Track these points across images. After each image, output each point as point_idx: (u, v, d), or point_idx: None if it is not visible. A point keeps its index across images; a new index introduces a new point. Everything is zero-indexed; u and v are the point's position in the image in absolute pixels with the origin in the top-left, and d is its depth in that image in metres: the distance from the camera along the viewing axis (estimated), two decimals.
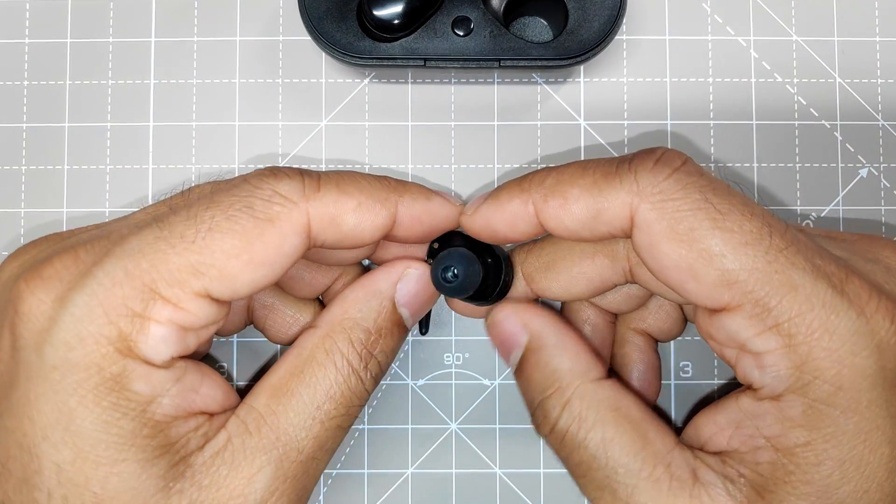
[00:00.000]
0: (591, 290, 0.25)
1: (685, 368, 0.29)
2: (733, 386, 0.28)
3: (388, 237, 0.24)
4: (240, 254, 0.20)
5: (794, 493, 0.20)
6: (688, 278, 0.21)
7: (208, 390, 0.22)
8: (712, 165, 0.29)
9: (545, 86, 0.29)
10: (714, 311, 0.21)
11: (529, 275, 0.25)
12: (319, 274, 0.26)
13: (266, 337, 0.27)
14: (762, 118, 0.29)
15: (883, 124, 0.29)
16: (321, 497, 0.28)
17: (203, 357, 0.27)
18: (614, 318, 0.27)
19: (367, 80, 0.29)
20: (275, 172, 0.22)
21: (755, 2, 0.29)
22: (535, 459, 0.28)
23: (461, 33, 0.27)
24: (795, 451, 0.20)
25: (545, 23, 0.28)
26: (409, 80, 0.29)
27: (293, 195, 0.21)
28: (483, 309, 0.26)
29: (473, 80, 0.29)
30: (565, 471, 0.28)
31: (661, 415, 0.26)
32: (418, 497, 0.28)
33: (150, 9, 0.29)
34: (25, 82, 0.29)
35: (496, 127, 0.29)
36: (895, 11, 0.29)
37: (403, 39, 0.27)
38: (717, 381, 0.29)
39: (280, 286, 0.26)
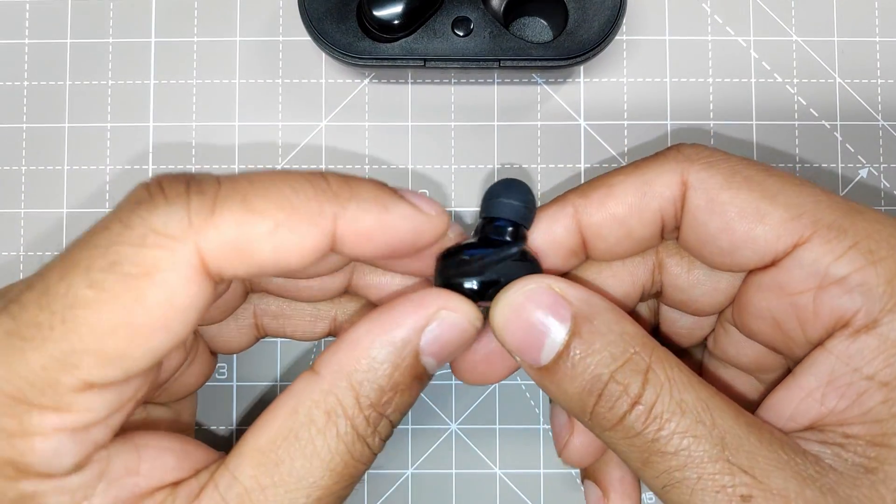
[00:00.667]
0: (641, 204, 0.20)
1: None
2: None
3: (333, 254, 0.19)
4: (116, 328, 0.16)
5: None
6: (754, 222, 0.19)
7: (153, 464, 0.18)
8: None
9: (545, 86, 0.29)
10: (784, 257, 0.19)
11: (573, 203, 0.21)
12: (328, 278, 0.23)
13: (293, 339, 0.25)
14: (762, 118, 0.29)
15: (883, 124, 0.29)
16: None
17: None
18: None
19: (367, 80, 0.29)
20: (151, 196, 0.17)
21: (755, 2, 0.29)
22: (535, 459, 0.28)
23: (461, 33, 0.27)
24: None
25: (545, 23, 0.28)
26: (409, 80, 0.29)
27: (173, 229, 0.16)
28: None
29: (473, 81, 0.29)
30: (565, 471, 0.28)
31: None
32: (418, 497, 0.28)
33: (150, 9, 0.29)
34: (25, 82, 0.29)
35: (496, 127, 0.29)
36: (895, 11, 0.29)
37: (403, 40, 0.27)
38: None
39: (283, 296, 0.23)
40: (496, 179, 0.29)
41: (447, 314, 0.19)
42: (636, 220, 0.20)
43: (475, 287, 0.20)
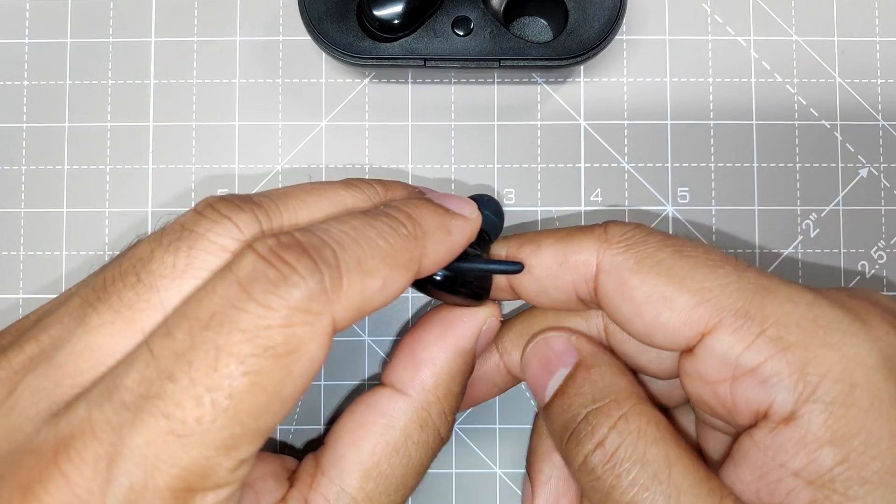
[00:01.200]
0: (556, 274, 0.23)
1: None
2: None
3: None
4: (270, 405, 0.17)
5: None
6: (662, 308, 0.19)
7: (265, 495, 0.20)
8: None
9: (545, 86, 0.29)
10: (696, 344, 0.19)
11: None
12: None
13: None
14: (762, 118, 0.29)
15: (883, 124, 0.29)
16: None
17: None
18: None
19: (367, 80, 0.29)
20: (283, 275, 0.17)
21: (755, 2, 0.29)
22: None
23: (461, 33, 0.27)
24: (833, 475, 0.17)
25: (545, 23, 0.28)
26: (409, 80, 0.29)
27: (315, 306, 0.17)
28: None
29: (473, 80, 0.29)
30: None
31: None
32: (418, 497, 0.28)
33: (150, 9, 0.29)
34: (25, 82, 0.29)
35: (496, 127, 0.29)
36: (895, 11, 0.29)
37: (403, 39, 0.27)
38: None
39: None
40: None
41: (493, 321, 0.23)
42: (552, 285, 0.22)
43: (480, 296, 0.23)
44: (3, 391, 0.17)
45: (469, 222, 0.21)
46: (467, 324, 0.22)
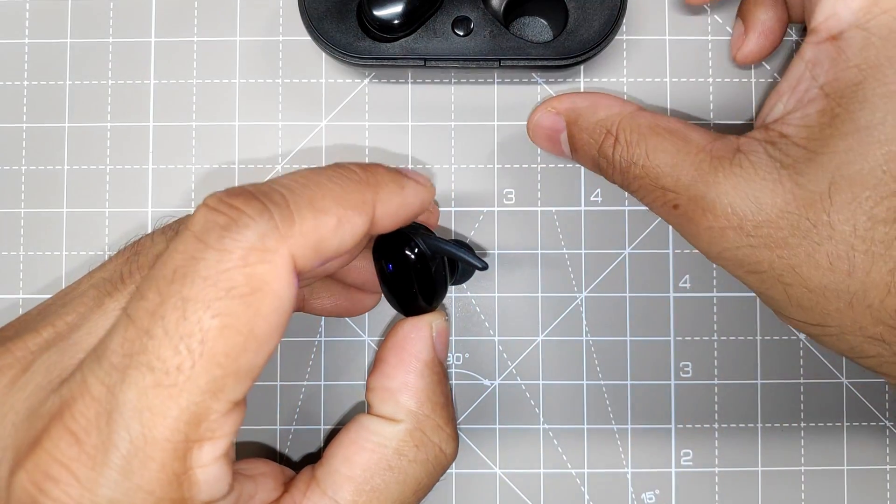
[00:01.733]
0: None
1: (685, 368, 0.29)
2: (734, 387, 0.28)
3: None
4: (246, 345, 0.17)
5: (836, 134, 0.20)
6: None
7: (262, 487, 0.21)
8: None
9: (545, 86, 0.29)
10: None
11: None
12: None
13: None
14: None
15: None
16: None
17: None
18: (787, 19, 0.27)
19: (367, 80, 0.29)
20: (233, 218, 0.17)
21: None
22: (535, 459, 0.28)
23: (461, 33, 0.27)
24: (845, 92, 0.20)
25: (545, 23, 0.28)
26: (409, 80, 0.29)
27: (269, 242, 0.17)
28: None
29: (473, 80, 0.29)
30: (565, 471, 0.28)
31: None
32: None
33: (150, 9, 0.29)
34: (25, 82, 0.29)
35: (496, 127, 0.29)
36: None
37: (403, 39, 0.27)
38: (716, 382, 0.29)
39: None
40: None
41: (440, 323, 0.23)
42: None
43: (433, 295, 0.24)
44: (19, 368, 0.19)
45: (422, 187, 0.22)
46: (417, 337, 0.23)
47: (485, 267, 0.23)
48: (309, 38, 0.27)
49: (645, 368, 0.29)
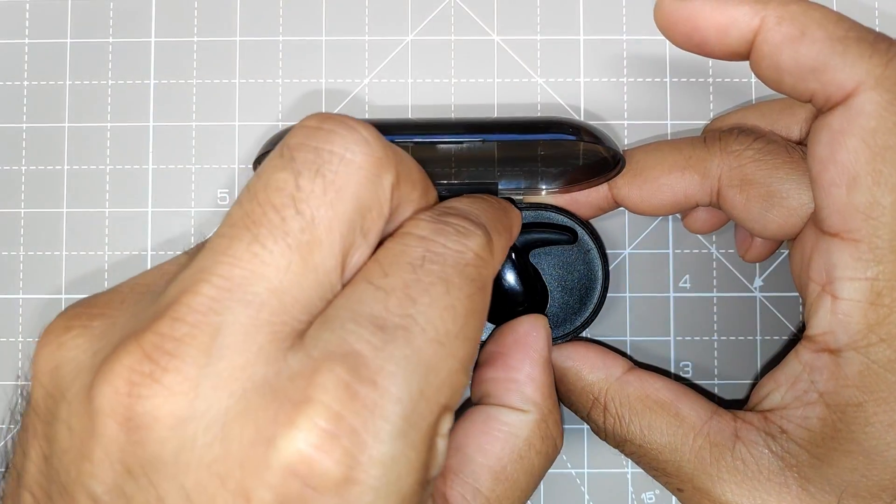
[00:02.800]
0: (673, 205, 0.25)
1: (685, 368, 0.29)
2: (733, 387, 0.29)
3: None
4: (476, 334, 0.18)
5: (840, 449, 0.20)
6: (826, 61, 0.19)
7: None
8: None
9: (545, 86, 0.29)
10: (824, 233, 0.21)
11: (613, 181, 0.25)
12: None
13: None
14: None
15: None
16: None
17: None
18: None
19: (366, 80, 0.29)
20: (464, 232, 0.19)
21: None
22: None
23: None
24: (847, 409, 0.20)
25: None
26: (409, 80, 0.29)
27: (484, 252, 0.19)
28: None
29: (473, 80, 0.29)
30: (565, 471, 0.28)
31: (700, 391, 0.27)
32: None
33: (150, 9, 0.29)
34: (25, 82, 0.29)
35: None
36: (894, 11, 0.29)
37: None
38: (716, 382, 0.29)
39: None
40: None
41: (543, 323, 0.24)
42: (792, 80, 0.21)
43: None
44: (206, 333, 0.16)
45: (517, 213, 0.24)
46: (538, 334, 0.24)
47: (572, 240, 0.24)
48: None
49: (645, 368, 0.29)
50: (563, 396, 0.25)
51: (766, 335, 0.29)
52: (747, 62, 0.22)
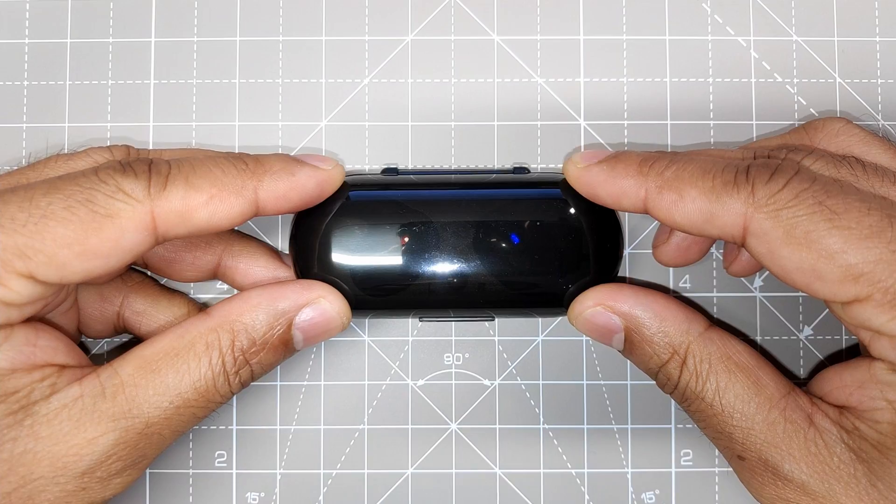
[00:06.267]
0: (701, 228, 0.23)
1: None
2: None
3: (260, 214, 0.24)
4: (72, 244, 0.21)
5: None
6: (812, 279, 0.21)
7: (47, 343, 0.23)
8: (879, 124, 0.29)
9: (545, 86, 0.29)
10: (845, 303, 0.21)
11: (647, 188, 0.23)
12: (201, 252, 0.27)
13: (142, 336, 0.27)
14: (762, 118, 0.29)
15: (883, 124, 0.29)
16: (321, 497, 0.28)
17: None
18: None
19: (366, 80, 0.29)
20: (123, 168, 0.22)
21: (755, 2, 0.29)
22: (535, 459, 0.29)
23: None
24: None
25: None
26: (409, 80, 0.29)
27: (137, 193, 0.21)
28: None
29: (473, 80, 0.29)
30: (565, 471, 0.28)
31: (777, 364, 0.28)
32: (418, 497, 0.28)
33: (150, 9, 0.29)
34: (25, 82, 0.29)
35: (496, 127, 0.29)
36: (895, 11, 0.29)
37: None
38: None
39: (159, 269, 0.27)
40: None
41: (325, 303, 0.24)
42: (696, 231, 0.23)
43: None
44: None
45: (319, 170, 0.24)
46: (294, 289, 0.24)
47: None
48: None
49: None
50: (636, 346, 0.24)
51: (766, 335, 0.29)
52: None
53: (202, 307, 0.28)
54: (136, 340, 0.28)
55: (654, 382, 0.25)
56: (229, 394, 0.24)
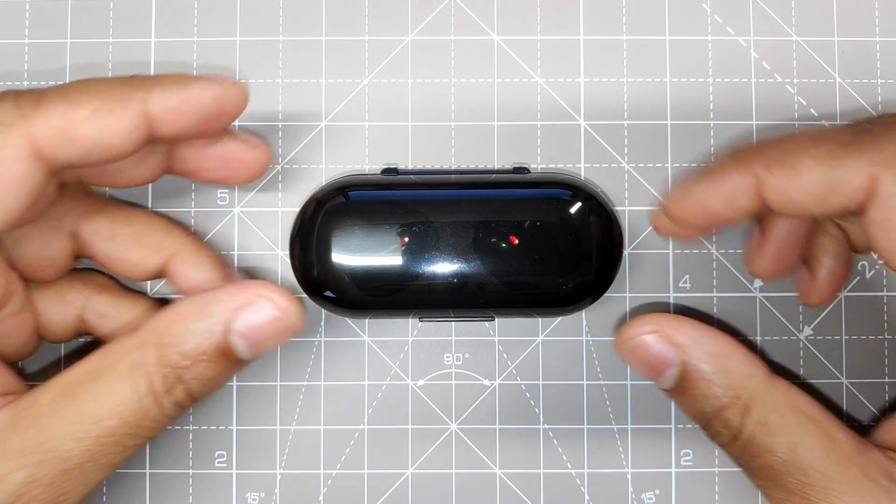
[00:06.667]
0: (824, 201, 0.21)
1: None
2: None
3: (159, 141, 0.22)
4: None
5: None
6: (833, 178, 0.19)
7: None
8: None
9: (545, 86, 0.29)
10: None
11: (755, 173, 0.21)
12: (145, 251, 0.25)
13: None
14: (762, 118, 0.29)
15: None
16: (321, 497, 0.28)
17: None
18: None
19: (366, 80, 0.29)
20: None
21: (755, 2, 0.29)
22: (535, 459, 0.28)
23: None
24: None
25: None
26: (409, 80, 0.29)
27: (6, 117, 0.20)
28: None
29: (473, 80, 0.29)
30: (565, 471, 0.28)
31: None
32: (418, 497, 0.28)
33: (150, 9, 0.29)
34: (25, 82, 0.29)
35: (496, 127, 0.29)
36: (895, 11, 0.29)
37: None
38: None
39: (109, 268, 0.25)
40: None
41: (263, 302, 0.21)
42: (817, 208, 0.21)
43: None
44: None
45: (215, 84, 0.22)
46: (227, 292, 0.21)
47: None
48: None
49: None
50: (691, 385, 0.22)
51: (766, 335, 0.29)
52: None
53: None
54: (98, 343, 0.26)
55: (702, 429, 0.23)
56: (165, 417, 0.21)
